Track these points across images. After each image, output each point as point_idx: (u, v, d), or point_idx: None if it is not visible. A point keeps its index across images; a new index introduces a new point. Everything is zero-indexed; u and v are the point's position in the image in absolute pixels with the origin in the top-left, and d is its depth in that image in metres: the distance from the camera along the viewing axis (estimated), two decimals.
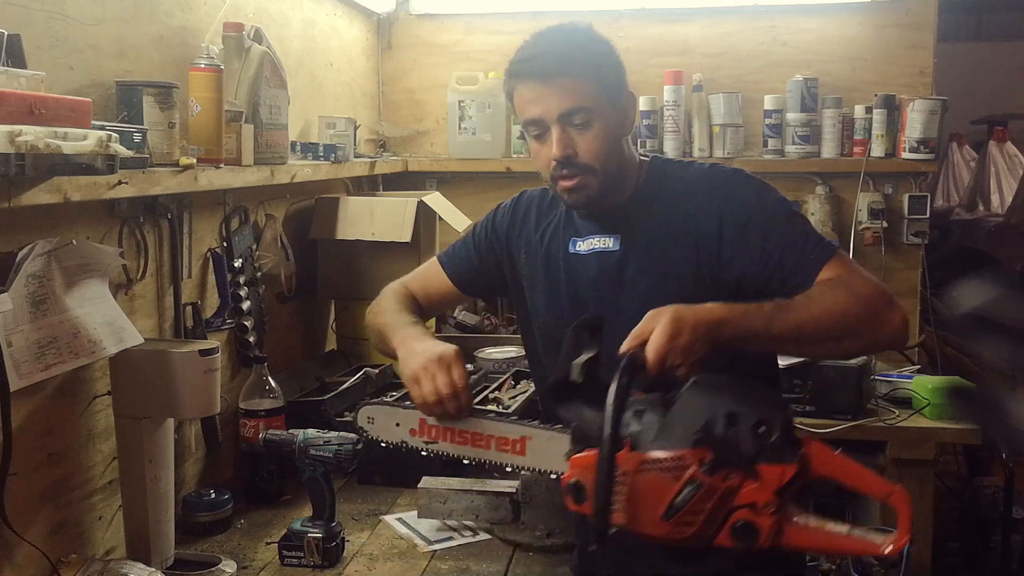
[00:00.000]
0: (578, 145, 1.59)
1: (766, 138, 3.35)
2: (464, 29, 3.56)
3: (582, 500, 1.31)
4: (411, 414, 1.60)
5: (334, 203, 2.80)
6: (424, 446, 1.60)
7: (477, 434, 1.54)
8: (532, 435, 1.50)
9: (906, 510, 1.22)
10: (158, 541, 1.81)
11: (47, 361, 1.59)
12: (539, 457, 1.48)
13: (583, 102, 1.58)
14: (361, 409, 1.67)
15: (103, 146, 1.40)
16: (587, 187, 1.61)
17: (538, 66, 1.59)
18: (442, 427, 1.57)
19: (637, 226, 1.65)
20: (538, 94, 1.59)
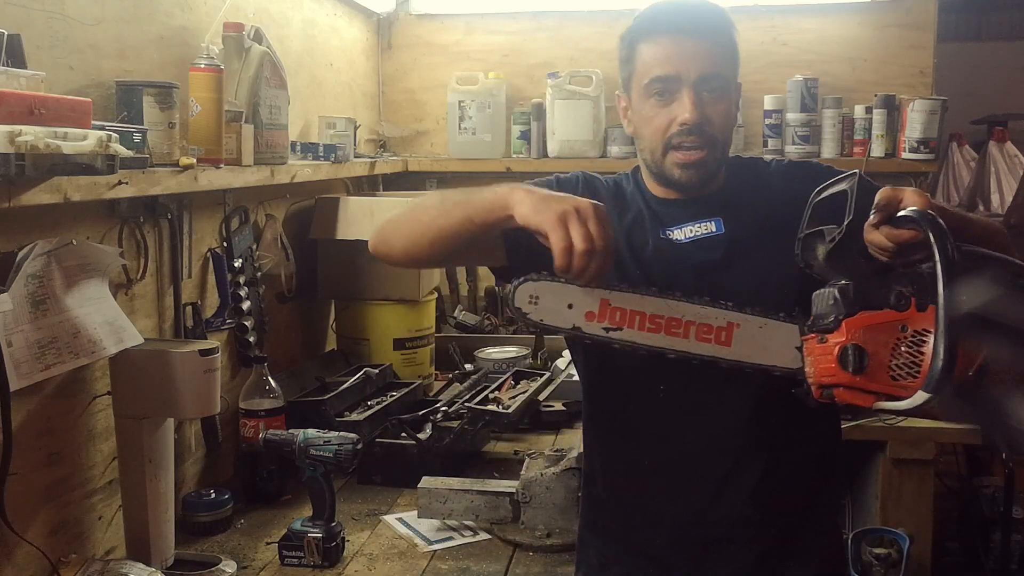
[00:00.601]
0: (708, 112, 1.48)
1: (766, 138, 3.35)
2: (464, 29, 3.56)
3: (863, 367, 1.21)
4: (589, 293, 1.32)
5: (334, 203, 2.80)
6: (603, 334, 1.33)
7: (674, 320, 1.31)
8: (740, 322, 1.32)
9: None
10: (158, 541, 1.81)
11: (47, 361, 1.59)
12: (746, 349, 1.32)
13: (723, 69, 1.49)
14: (521, 285, 1.34)
15: (103, 146, 1.40)
16: (706, 162, 1.50)
17: (686, 19, 1.49)
18: (628, 311, 1.31)
19: (736, 210, 1.55)
20: (679, 50, 1.47)
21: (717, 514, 1.55)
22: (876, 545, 2.77)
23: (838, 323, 1.24)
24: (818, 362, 1.27)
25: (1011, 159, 4.84)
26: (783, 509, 1.56)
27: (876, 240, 1.26)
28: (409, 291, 2.83)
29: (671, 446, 1.56)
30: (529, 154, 3.42)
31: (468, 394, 2.63)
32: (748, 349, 1.32)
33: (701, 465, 1.55)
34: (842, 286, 1.27)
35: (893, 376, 1.21)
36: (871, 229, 1.26)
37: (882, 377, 1.22)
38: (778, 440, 1.54)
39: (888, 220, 1.24)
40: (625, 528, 1.61)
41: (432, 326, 2.99)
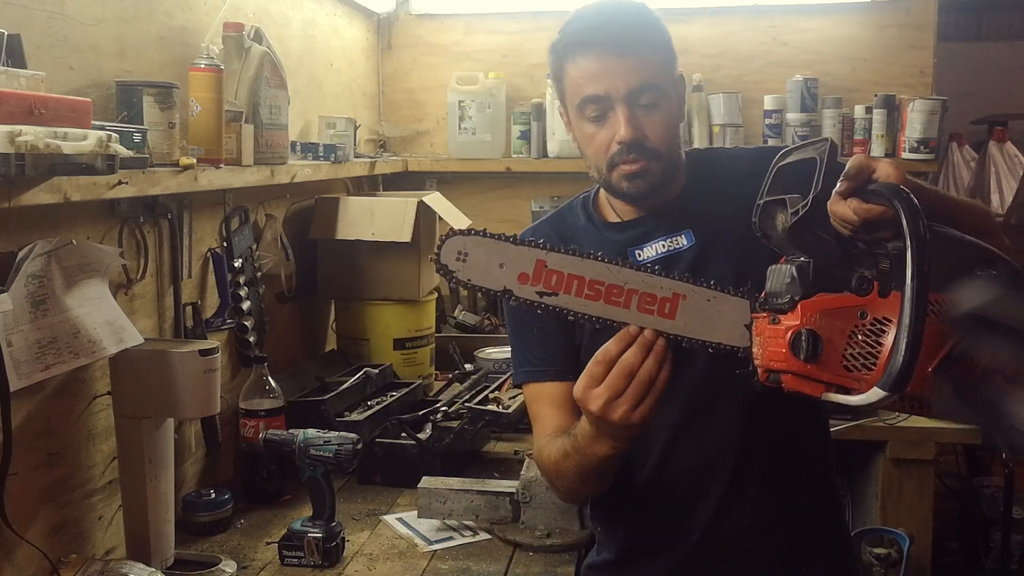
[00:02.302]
0: (645, 127, 1.44)
1: (766, 138, 3.35)
2: (464, 29, 3.56)
3: (816, 356, 1.13)
4: (523, 253, 1.23)
5: (334, 203, 2.80)
6: (537, 298, 1.24)
7: (615, 287, 1.22)
8: (687, 294, 1.23)
9: None
10: (158, 541, 1.81)
11: (47, 361, 1.59)
12: (690, 324, 1.23)
13: (654, 78, 1.44)
14: (449, 240, 1.25)
15: (103, 146, 1.40)
16: (651, 173, 1.46)
17: (607, 36, 1.43)
18: (566, 274, 1.23)
19: (705, 216, 1.51)
20: (604, 68, 1.43)
21: (722, 529, 1.54)
22: (876, 545, 2.77)
23: (793, 304, 1.16)
24: (767, 344, 1.18)
25: (1011, 159, 4.83)
26: (788, 514, 1.55)
27: (841, 212, 1.17)
28: (409, 291, 2.83)
29: (669, 466, 1.55)
30: (529, 154, 3.42)
31: (468, 394, 2.63)
32: (693, 323, 1.24)
33: (700, 483, 1.54)
34: (801, 263, 1.18)
35: (847, 366, 1.14)
36: (837, 199, 1.17)
37: (835, 367, 1.14)
38: (773, 448, 1.53)
39: (857, 191, 1.15)
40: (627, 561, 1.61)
41: (432, 326, 2.98)
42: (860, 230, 1.17)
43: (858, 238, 1.18)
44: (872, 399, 1.09)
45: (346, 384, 2.53)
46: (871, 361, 1.13)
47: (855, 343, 1.14)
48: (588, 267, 1.23)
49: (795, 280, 1.17)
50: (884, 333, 1.13)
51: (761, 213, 1.24)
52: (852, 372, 1.13)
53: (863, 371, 1.13)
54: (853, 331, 1.14)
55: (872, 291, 1.14)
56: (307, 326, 2.89)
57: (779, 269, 1.21)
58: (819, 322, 1.13)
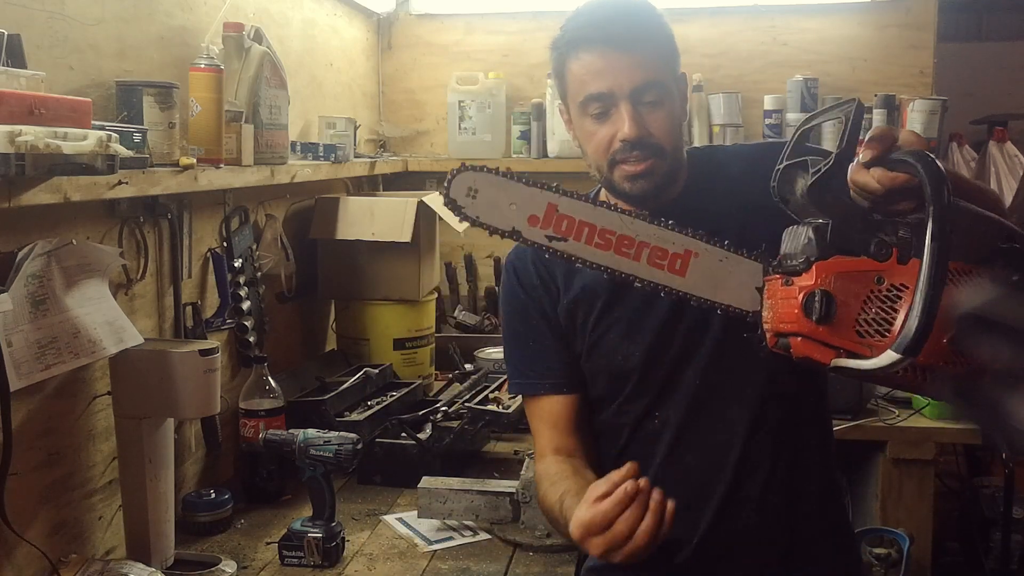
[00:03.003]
0: (650, 124, 1.42)
1: (766, 138, 3.35)
2: (464, 29, 3.56)
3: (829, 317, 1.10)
4: (535, 194, 1.21)
5: (334, 203, 2.80)
6: (546, 242, 1.21)
7: (626, 238, 1.19)
8: (700, 252, 1.20)
9: None
10: (158, 541, 1.81)
11: (47, 361, 1.59)
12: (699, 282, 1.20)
13: (658, 75, 1.42)
14: (460, 174, 1.23)
15: (103, 146, 1.40)
16: (655, 172, 1.44)
17: (612, 32, 1.41)
18: (577, 220, 1.20)
19: (702, 215, 1.44)
20: (608, 64, 1.41)
21: (725, 528, 1.53)
22: (876, 545, 2.77)
23: (808, 265, 1.13)
24: (779, 306, 1.15)
25: (1011, 159, 4.83)
26: (788, 517, 1.55)
27: (863, 181, 1.13)
28: (409, 291, 2.83)
29: (672, 467, 1.54)
30: (529, 154, 3.42)
31: (468, 394, 2.63)
32: (703, 282, 1.20)
33: (704, 483, 1.53)
34: (818, 225, 1.15)
35: (860, 332, 1.11)
36: (860, 168, 1.13)
37: (847, 331, 1.11)
38: (777, 449, 1.53)
39: (880, 160, 1.11)
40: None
41: (432, 326, 2.98)
42: (882, 200, 1.12)
43: (879, 209, 1.14)
44: (884, 363, 1.05)
45: (346, 384, 2.53)
46: (885, 328, 1.10)
47: (870, 308, 1.10)
48: (600, 215, 1.20)
49: (811, 241, 1.14)
50: (900, 300, 1.10)
51: (780, 177, 1.21)
52: (865, 338, 1.10)
53: (876, 337, 1.10)
54: (869, 296, 1.11)
55: (891, 257, 1.11)
56: (307, 326, 2.89)
57: (795, 231, 1.18)
58: (834, 284, 1.10)
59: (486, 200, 1.22)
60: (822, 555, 1.58)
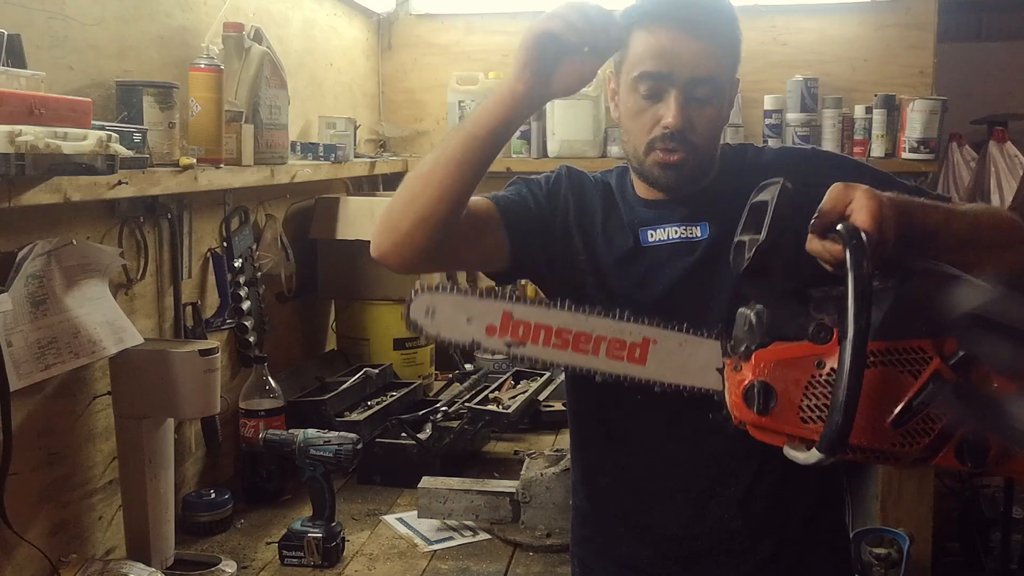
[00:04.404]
0: (694, 119, 1.39)
1: (766, 138, 3.34)
2: (464, 29, 3.56)
3: (769, 407, 1.08)
4: (489, 305, 1.21)
5: (334, 203, 2.80)
6: (506, 349, 1.22)
7: (583, 335, 1.19)
8: (657, 338, 1.19)
9: None
10: (158, 541, 1.81)
11: (47, 361, 1.59)
12: (661, 368, 1.19)
13: (717, 73, 1.39)
14: (418, 297, 1.25)
15: (103, 146, 1.40)
16: (685, 165, 1.41)
17: (690, 15, 1.38)
18: (532, 324, 1.21)
19: (725, 212, 1.42)
20: (675, 46, 1.37)
21: (703, 527, 1.50)
22: (876, 545, 2.77)
23: (748, 354, 1.12)
24: (732, 392, 1.14)
25: (1011, 159, 4.83)
26: (776, 523, 1.51)
27: (817, 252, 1.14)
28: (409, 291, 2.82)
29: (653, 454, 1.51)
30: (529, 154, 3.41)
31: (468, 394, 2.63)
32: (664, 368, 1.20)
33: (685, 475, 1.50)
34: (758, 310, 1.14)
35: (804, 419, 1.09)
36: (812, 238, 1.14)
37: (791, 419, 1.10)
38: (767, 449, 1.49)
39: (830, 228, 1.11)
40: (609, 541, 1.57)
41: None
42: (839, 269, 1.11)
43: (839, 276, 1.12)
44: (811, 460, 1.05)
45: (346, 384, 2.53)
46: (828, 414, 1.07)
47: (811, 394, 1.09)
48: (554, 316, 1.22)
49: (752, 328, 1.13)
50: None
51: (734, 250, 1.20)
52: (810, 424, 1.08)
53: (820, 423, 1.08)
54: (810, 382, 1.09)
55: (831, 339, 1.09)
56: (307, 326, 2.89)
57: (741, 314, 1.17)
58: (773, 373, 1.09)
59: (444, 318, 1.24)
60: (811, 567, 1.54)
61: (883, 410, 1.04)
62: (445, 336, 1.25)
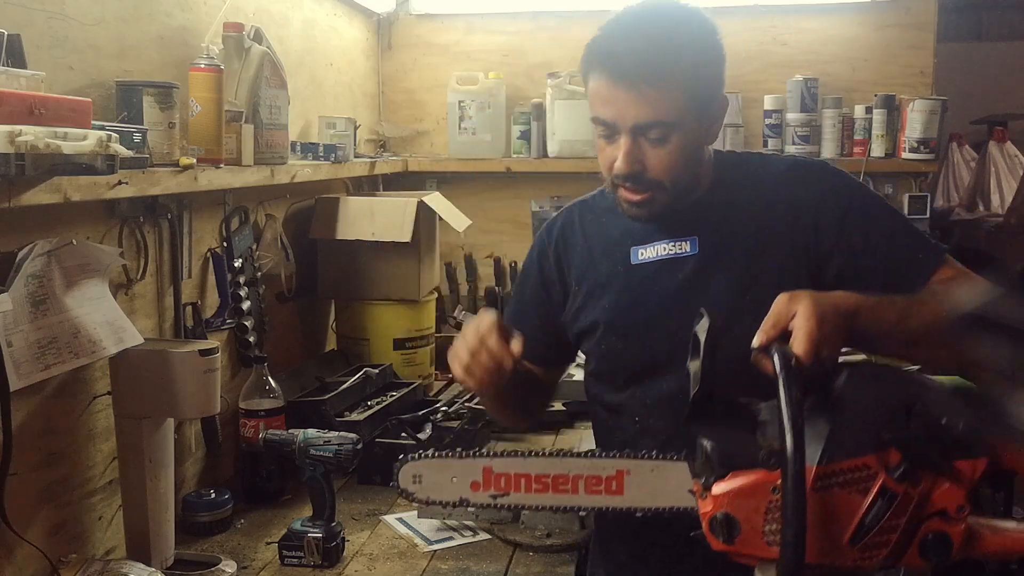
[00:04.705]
0: (648, 160, 1.40)
1: (766, 138, 3.35)
2: (464, 29, 3.56)
3: (734, 536, 1.11)
4: (470, 464, 1.30)
5: (334, 203, 2.80)
6: (492, 501, 1.30)
7: (560, 476, 1.26)
8: (631, 469, 1.25)
9: None
10: (158, 541, 1.81)
11: (47, 361, 1.59)
12: (639, 495, 1.25)
13: (664, 116, 1.37)
14: (403, 468, 1.32)
15: (103, 146, 1.40)
16: (652, 203, 1.43)
17: (620, 65, 1.36)
18: (512, 474, 1.29)
19: (716, 226, 1.46)
20: (612, 96, 1.38)
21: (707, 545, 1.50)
22: None
23: (709, 486, 1.15)
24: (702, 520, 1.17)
25: (1011, 159, 4.84)
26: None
27: (759, 365, 1.16)
28: (409, 291, 2.83)
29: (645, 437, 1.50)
30: (529, 154, 3.42)
31: (468, 394, 2.63)
32: (643, 494, 1.24)
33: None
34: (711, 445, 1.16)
35: (768, 542, 1.11)
36: (757, 354, 1.17)
37: (757, 544, 1.11)
38: None
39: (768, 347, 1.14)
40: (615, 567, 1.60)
41: (432, 326, 2.98)
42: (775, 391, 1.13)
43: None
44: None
45: (346, 384, 2.53)
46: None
47: (772, 519, 1.10)
48: (532, 464, 1.27)
49: (709, 460, 1.15)
50: None
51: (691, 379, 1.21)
52: (774, 547, 1.09)
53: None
54: (768, 507, 1.11)
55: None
56: (307, 326, 2.89)
57: (699, 444, 1.19)
58: (733, 503, 1.11)
59: (430, 482, 1.31)
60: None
61: (839, 530, 1.06)
62: (435, 498, 1.33)
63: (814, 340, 1.14)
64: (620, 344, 1.54)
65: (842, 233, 1.44)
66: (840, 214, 1.45)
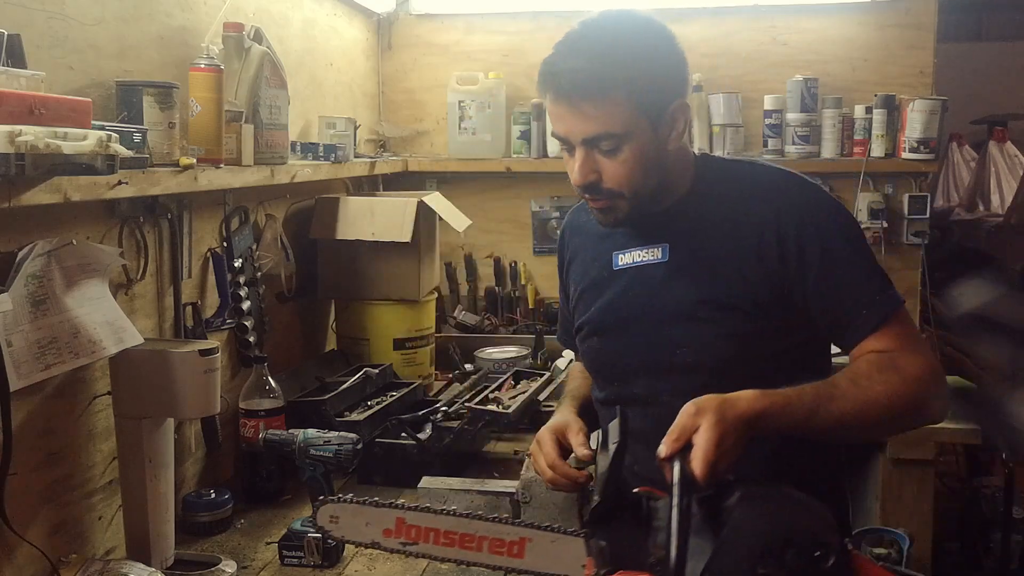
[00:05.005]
0: (604, 170, 1.45)
1: (766, 138, 3.35)
2: (464, 29, 3.56)
3: None
4: (384, 513, 1.41)
5: (334, 203, 2.80)
6: (401, 547, 1.41)
7: (467, 535, 1.36)
8: (532, 537, 1.34)
9: None
10: (158, 541, 1.81)
11: (47, 361, 1.59)
12: (541, 560, 1.34)
13: (611, 128, 1.41)
14: (322, 508, 1.45)
15: (103, 146, 1.40)
16: (615, 209, 1.49)
17: (561, 85, 1.42)
18: (423, 527, 1.40)
19: (687, 234, 1.51)
20: (561, 113, 1.44)
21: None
22: (876, 545, 2.77)
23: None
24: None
25: (1011, 159, 4.83)
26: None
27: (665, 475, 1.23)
28: (409, 291, 2.83)
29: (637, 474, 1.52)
30: (529, 154, 3.42)
31: (468, 394, 2.63)
32: (540, 560, 1.33)
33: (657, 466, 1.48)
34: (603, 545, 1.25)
35: None
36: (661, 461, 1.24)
37: None
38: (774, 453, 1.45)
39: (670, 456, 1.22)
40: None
41: (432, 326, 2.99)
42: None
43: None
44: None
45: (346, 384, 2.53)
46: None
47: None
48: (442, 520, 1.37)
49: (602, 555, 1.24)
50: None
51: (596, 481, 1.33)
52: None
53: None
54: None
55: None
56: (307, 326, 2.89)
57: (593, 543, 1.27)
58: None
59: (347, 523, 1.42)
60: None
61: None
62: (349, 538, 1.45)
63: (710, 460, 1.21)
64: (600, 345, 1.61)
65: (799, 264, 1.45)
66: (799, 232, 1.45)
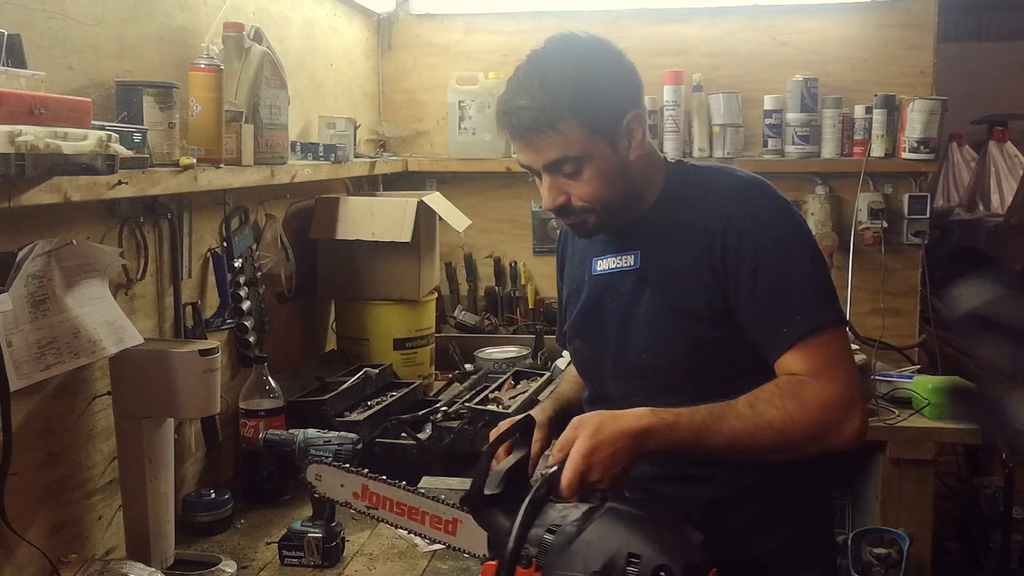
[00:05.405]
0: (572, 191, 1.51)
1: (766, 138, 3.35)
2: (464, 29, 3.56)
3: None
4: (353, 478, 1.61)
5: (334, 203, 2.80)
6: (366, 509, 1.59)
7: (414, 508, 1.54)
8: (463, 519, 1.49)
9: None
10: (158, 541, 1.81)
11: (47, 361, 1.59)
12: (467, 540, 1.49)
13: (567, 151, 1.47)
14: (310, 466, 1.70)
15: (103, 146, 1.40)
16: (587, 223, 1.55)
17: (514, 124, 1.49)
18: (381, 496, 1.57)
19: (656, 242, 1.55)
20: (520, 147, 1.52)
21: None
22: (876, 545, 2.77)
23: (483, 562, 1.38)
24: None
25: (1011, 159, 4.83)
26: (742, 532, 1.50)
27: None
28: (409, 291, 2.83)
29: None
30: None
31: (468, 394, 2.63)
32: (469, 541, 1.48)
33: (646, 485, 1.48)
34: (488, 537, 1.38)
35: None
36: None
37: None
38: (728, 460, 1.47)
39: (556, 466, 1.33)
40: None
41: (432, 326, 2.99)
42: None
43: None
44: None
45: (346, 384, 2.53)
46: None
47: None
48: (393, 492, 1.55)
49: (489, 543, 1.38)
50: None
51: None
52: None
53: None
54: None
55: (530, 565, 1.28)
56: (307, 326, 2.89)
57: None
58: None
59: (328, 482, 1.66)
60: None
61: None
62: (329, 495, 1.67)
63: (579, 470, 1.30)
64: (581, 348, 1.68)
65: (738, 262, 1.46)
66: (739, 241, 1.46)
